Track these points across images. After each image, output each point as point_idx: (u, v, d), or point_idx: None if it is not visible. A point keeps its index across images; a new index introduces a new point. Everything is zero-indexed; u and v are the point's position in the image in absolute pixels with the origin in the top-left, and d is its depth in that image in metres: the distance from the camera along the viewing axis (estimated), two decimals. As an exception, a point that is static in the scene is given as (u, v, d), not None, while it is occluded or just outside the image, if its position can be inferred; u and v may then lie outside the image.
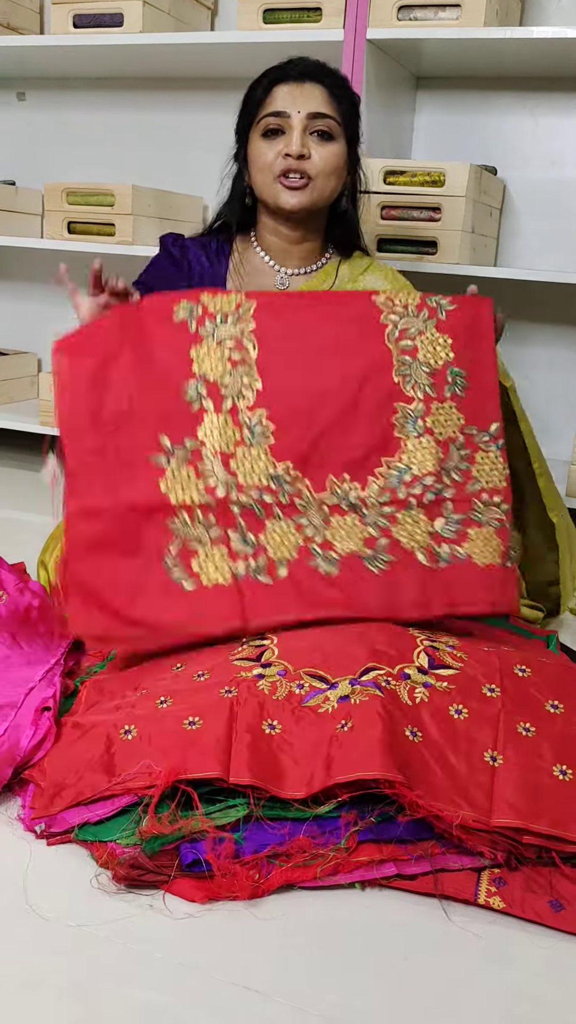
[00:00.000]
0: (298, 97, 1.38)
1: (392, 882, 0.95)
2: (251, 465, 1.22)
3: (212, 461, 1.22)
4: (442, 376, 1.26)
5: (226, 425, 1.23)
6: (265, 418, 1.23)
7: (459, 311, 1.29)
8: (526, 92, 2.18)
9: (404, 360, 1.26)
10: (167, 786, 0.97)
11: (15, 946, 0.86)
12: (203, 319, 1.25)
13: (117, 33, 2.16)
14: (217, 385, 1.24)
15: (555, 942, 0.90)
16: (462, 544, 1.24)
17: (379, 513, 1.23)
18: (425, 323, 1.27)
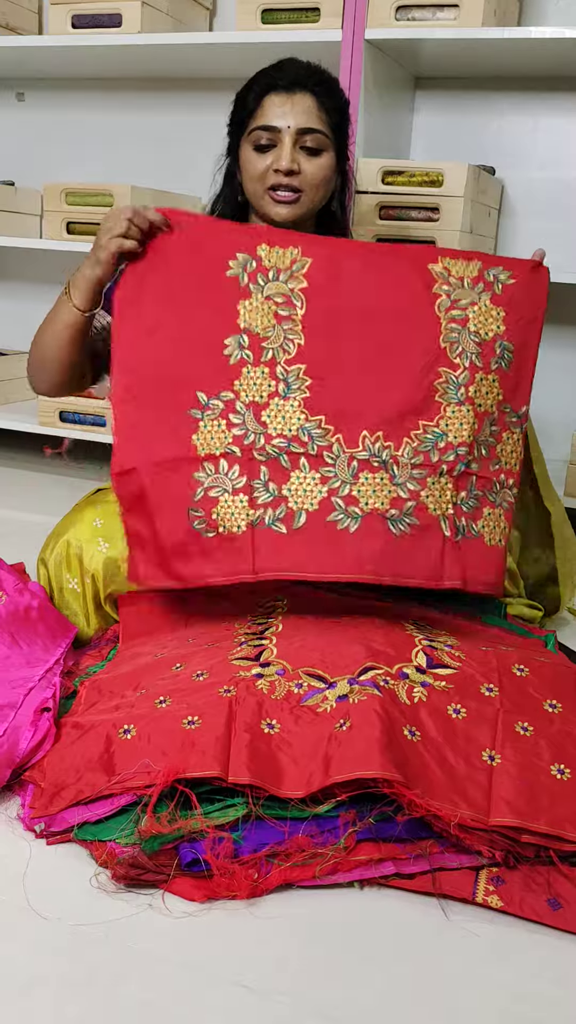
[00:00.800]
0: (288, 111, 1.39)
1: (391, 881, 0.95)
2: (283, 416, 1.23)
3: (244, 413, 1.23)
4: (491, 348, 1.26)
5: (263, 377, 1.24)
6: (304, 372, 1.24)
7: (516, 286, 1.29)
8: (524, 92, 2.18)
9: (453, 328, 1.25)
10: (166, 785, 0.97)
11: (15, 945, 0.86)
12: (255, 274, 1.26)
13: (115, 33, 2.16)
14: (259, 338, 1.25)
15: (553, 941, 0.90)
16: (476, 521, 1.24)
17: (409, 475, 1.22)
18: (479, 295, 1.27)
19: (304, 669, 1.12)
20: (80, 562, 1.38)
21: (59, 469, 2.53)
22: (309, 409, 1.23)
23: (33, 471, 2.50)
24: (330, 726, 1.04)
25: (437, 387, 1.24)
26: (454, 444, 1.23)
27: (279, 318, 1.25)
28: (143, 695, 1.13)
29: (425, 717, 1.06)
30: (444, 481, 1.22)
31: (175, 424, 1.23)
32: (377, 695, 1.06)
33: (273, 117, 1.39)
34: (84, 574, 1.38)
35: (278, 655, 1.16)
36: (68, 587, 1.40)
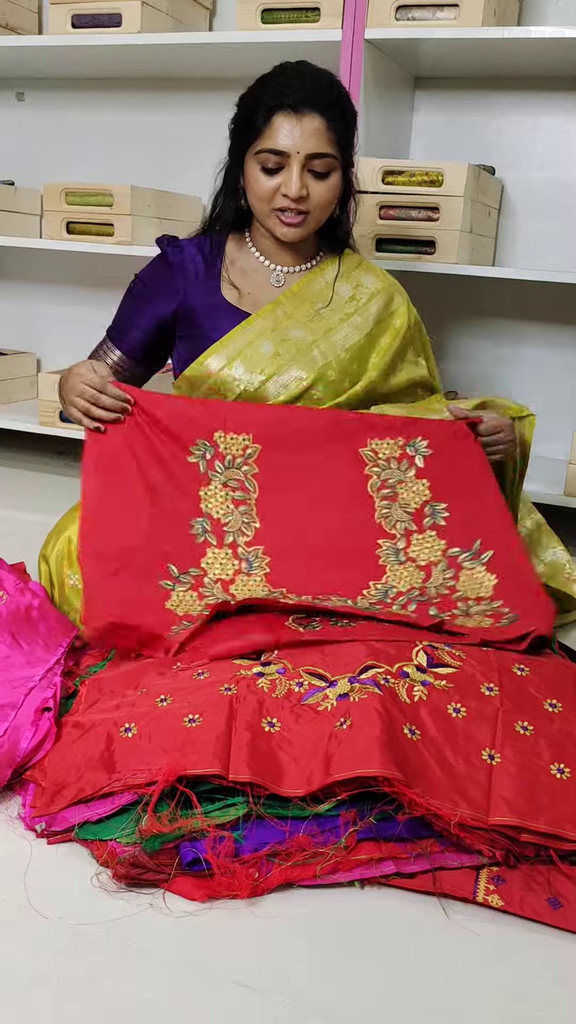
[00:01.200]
0: (298, 135, 1.38)
1: (391, 880, 0.96)
2: (249, 589, 1.33)
3: (213, 587, 1.33)
4: (420, 512, 1.40)
5: (227, 558, 1.36)
6: (262, 553, 1.37)
7: (435, 456, 1.42)
8: (524, 92, 2.18)
9: (384, 504, 1.40)
10: (167, 784, 0.97)
11: (16, 945, 0.86)
12: (213, 461, 1.40)
13: (115, 33, 2.16)
14: (220, 522, 1.38)
15: (553, 940, 0.90)
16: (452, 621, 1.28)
17: (368, 606, 1.30)
18: (405, 472, 1.42)
19: (305, 668, 1.12)
20: None
21: (59, 469, 2.53)
22: (272, 583, 1.34)
23: (33, 471, 2.50)
24: (331, 724, 1.04)
25: (379, 555, 1.37)
26: (404, 591, 1.33)
27: (236, 503, 1.39)
28: (144, 694, 1.13)
29: (425, 716, 1.06)
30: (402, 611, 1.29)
31: (149, 593, 1.28)
32: (378, 694, 1.06)
33: (282, 140, 1.39)
34: None
35: (279, 654, 1.16)
36: (69, 583, 1.40)
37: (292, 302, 1.52)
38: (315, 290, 1.53)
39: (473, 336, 2.36)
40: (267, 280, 1.53)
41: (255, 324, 1.50)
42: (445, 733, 1.05)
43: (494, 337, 2.34)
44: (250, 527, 1.38)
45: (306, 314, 1.51)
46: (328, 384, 1.50)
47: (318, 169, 1.41)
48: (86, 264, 2.62)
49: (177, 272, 1.53)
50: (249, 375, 1.48)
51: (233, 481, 1.40)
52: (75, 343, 2.72)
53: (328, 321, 1.52)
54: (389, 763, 0.97)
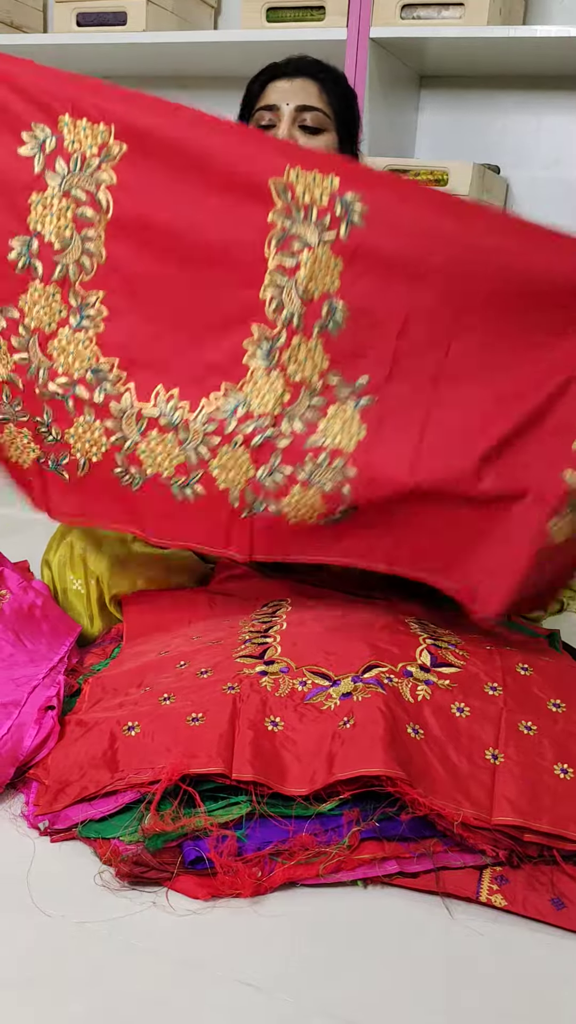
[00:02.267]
0: (288, 91, 1.40)
1: (394, 880, 0.95)
2: (72, 352, 1.05)
3: (28, 338, 1.06)
4: (317, 308, 1.04)
5: (52, 299, 1.05)
6: (101, 301, 1.05)
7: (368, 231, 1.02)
8: (529, 91, 2.18)
9: (277, 276, 1.03)
10: (171, 783, 0.97)
11: (18, 943, 0.86)
12: (54, 157, 1.03)
13: (120, 32, 2.17)
14: (51, 248, 1.04)
15: (556, 940, 0.90)
16: (279, 499, 1.07)
17: (201, 440, 1.06)
18: (319, 236, 1.02)
19: (308, 667, 1.12)
20: (84, 564, 1.38)
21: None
22: (102, 347, 1.06)
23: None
24: (334, 724, 1.04)
25: (246, 347, 1.05)
26: (255, 414, 1.05)
27: (79, 224, 1.04)
28: (147, 692, 1.13)
29: (428, 715, 1.06)
30: (239, 452, 1.06)
31: None
32: (381, 693, 1.06)
33: (273, 97, 1.40)
34: (88, 576, 1.38)
35: (282, 653, 1.16)
36: (72, 588, 1.40)
37: None
38: None
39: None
40: None
41: None
42: (448, 733, 1.05)
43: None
44: (91, 262, 1.04)
45: None
46: None
47: (309, 123, 1.39)
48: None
49: None
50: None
51: (79, 191, 1.04)
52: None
53: None
54: (392, 763, 0.97)
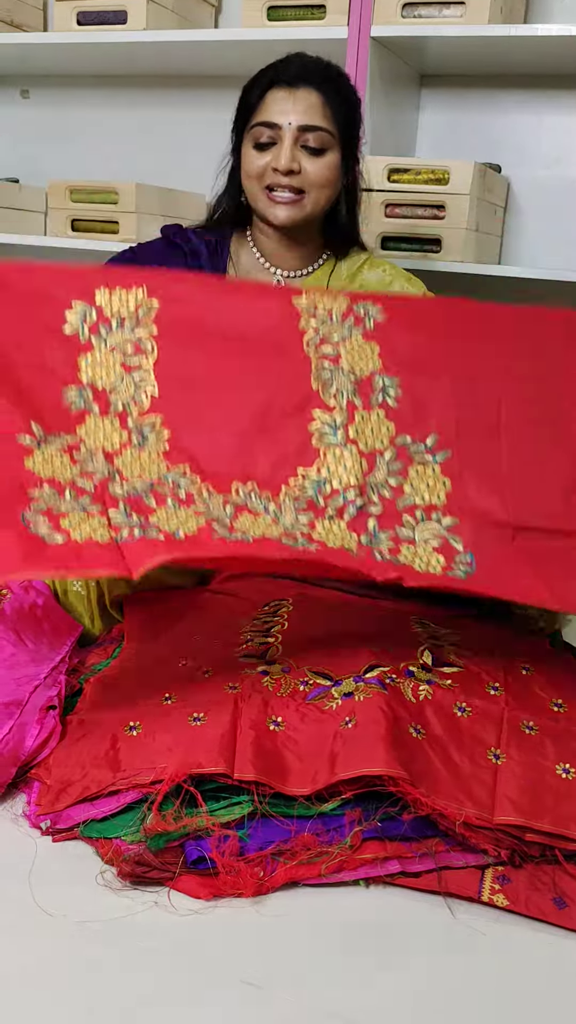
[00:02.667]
0: (290, 107, 1.34)
1: (396, 879, 0.95)
2: (140, 464, 1.07)
3: (92, 455, 1.07)
4: (368, 384, 1.14)
5: (112, 426, 1.09)
6: (160, 424, 1.10)
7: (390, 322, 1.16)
8: (531, 90, 2.18)
9: (325, 365, 1.14)
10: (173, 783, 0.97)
11: (20, 942, 0.86)
12: (96, 325, 1.12)
13: (120, 30, 2.16)
14: (105, 391, 1.11)
15: (558, 939, 0.90)
16: (396, 556, 1.07)
17: (295, 519, 1.06)
18: (351, 330, 1.15)
19: (310, 667, 1.12)
20: None
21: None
22: (169, 459, 1.09)
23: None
24: (336, 724, 1.04)
25: (312, 431, 1.11)
26: (339, 489, 1.09)
27: (128, 368, 1.11)
28: (149, 692, 1.13)
29: (430, 715, 1.06)
30: (336, 525, 1.07)
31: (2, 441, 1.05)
32: (383, 693, 1.06)
33: (274, 113, 1.35)
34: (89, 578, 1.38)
35: (284, 653, 1.15)
36: (73, 590, 1.39)
37: None
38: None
39: (478, 335, 2.35)
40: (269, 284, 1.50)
41: None
42: (450, 732, 1.05)
43: (499, 336, 2.33)
44: (145, 395, 1.09)
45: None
46: None
47: (312, 144, 1.35)
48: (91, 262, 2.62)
49: (185, 256, 1.48)
50: None
51: (126, 344, 1.12)
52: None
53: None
54: (394, 762, 0.97)
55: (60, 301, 1.13)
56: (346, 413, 1.12)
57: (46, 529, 0.98)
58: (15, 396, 1.07)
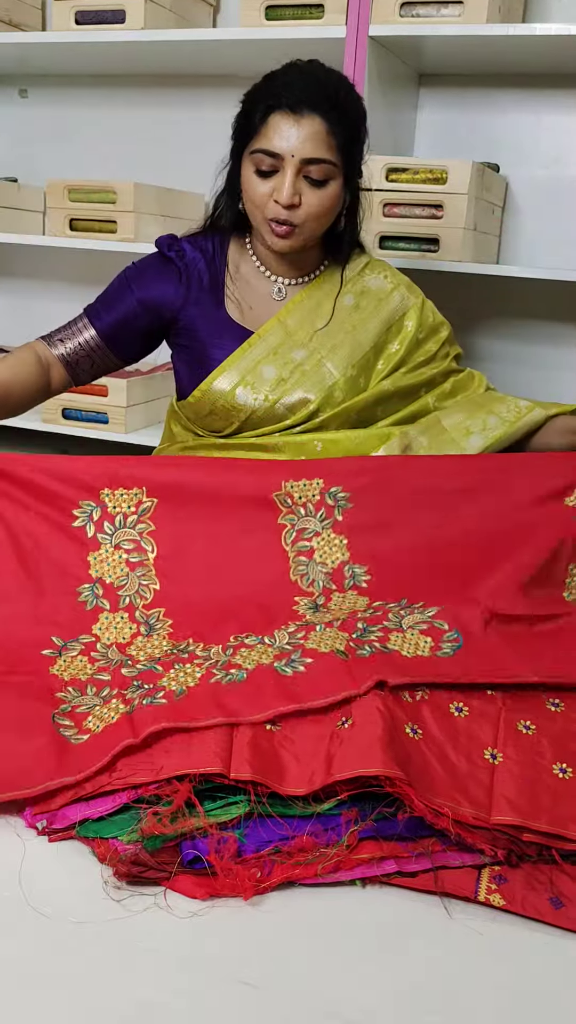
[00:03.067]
0: (294, 137, 1.30)
1: (393, 879, 0.95)
2: (149, 647, 1.22)
3: (106, 650, 1.21)
4: (340, 572, 1.30)
5: (123, 621, 1.25)
6: (163, 615, 1.25)
7: (356, 510, 1.32)
8: (529, 89, 2.18)
9: (301, 561, 1.30)
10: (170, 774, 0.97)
11: (16, 943, 0.86)
12: (102, 522, 1.28)
13: (119, 30, 2.16)
14: (113, 587, 1.27)
15: (555, 939, 0.90)
16: (385, 643, 1.15)
17: (286, 640, 1.17)
18: (322, 523, 1.31)
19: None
20: None
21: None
22: (175, 639, 1.23)
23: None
24: (332, 724, 1.04)
25: (296, 610, 1.25)
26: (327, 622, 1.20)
27: (131, 565, 1.27)
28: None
29: (427, 715, 1.06)
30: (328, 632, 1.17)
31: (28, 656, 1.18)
32: (379, 693, 1.06)
33: (277, 141, 1.31)
34: None
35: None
36: None
37: (293, 318, 1.47)
38: (315, 305, 1.48)
39: (476, 334, 2.35)
40: (268, 291, 1.49)
41: (256, 347, 1.46)
42: (447, 732, 1.05)
43: (497, 335, 2.33)
44: (149, 589, 1.27)
45: (307, 333, 1.47)
46: (335, 404, 1.47)
47: (314, 176, 1.33)
48: (89, 261, 2.62)
49: (179, 273, 1.48)
50: (255, 398, 1.45)
51: (127, 542, 1.28)
52: (78, 340, 2.73)
53: (333, 339, 1.48)
54: (391, 762, 0.97)
55: (69, 500, 1.29)
56: (323, 598, 1.27)
57: (72, 731, 1.07)
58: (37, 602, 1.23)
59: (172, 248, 1.49)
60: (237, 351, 1.46)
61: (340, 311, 1.49)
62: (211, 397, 1.47)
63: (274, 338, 1.47)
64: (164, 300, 1.48)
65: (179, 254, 1.49)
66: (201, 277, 1.48)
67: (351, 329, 1.49)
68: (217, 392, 1.46)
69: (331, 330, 1.48)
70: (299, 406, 1.46)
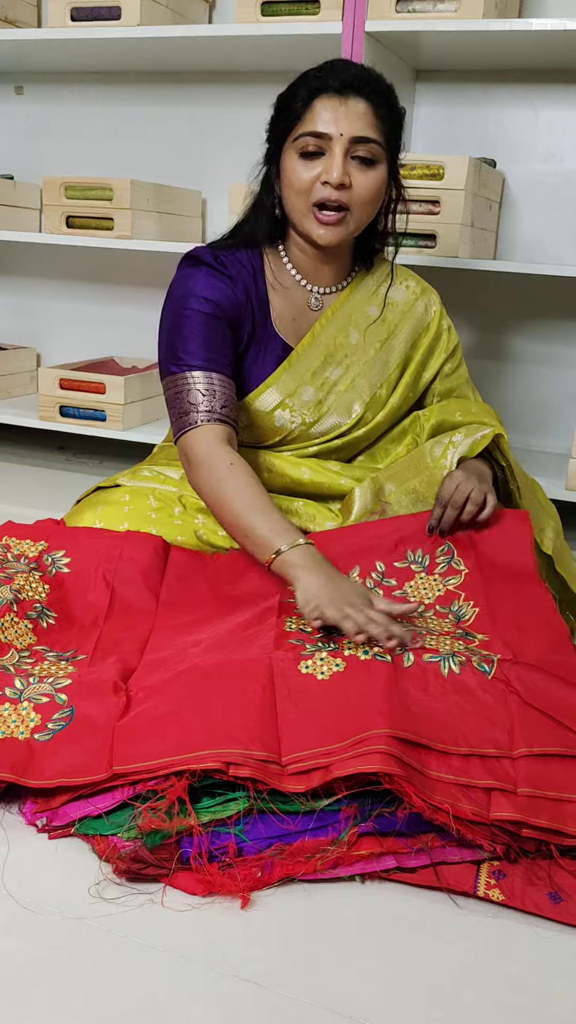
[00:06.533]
0: (341, 117, 1.27)
1: (392, 875, 0.96)
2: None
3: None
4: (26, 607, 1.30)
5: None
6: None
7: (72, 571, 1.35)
8: (525, 85, 2.18)
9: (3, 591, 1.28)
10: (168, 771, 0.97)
11: (16, 940, 0.86)
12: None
13: (115, 26, 2.16)
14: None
15: (554, 934, 0.90)
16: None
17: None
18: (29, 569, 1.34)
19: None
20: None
21: (59, 464, 2.53)
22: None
23: (33, 466, 2.50)
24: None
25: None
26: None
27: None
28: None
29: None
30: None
31: None
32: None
33: (324, 122, 1.28)
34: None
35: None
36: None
37: (327, 333, 1.47)
38: (347, 317, 1.48)
39: (473, 330, 2.35)
40: (304, 300, 1.46)
41: (296, 367, 1.46)
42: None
43: (495, 331, 2.33)
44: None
45: (342, 350, 1.48)
46: (368, 422, 1.52)
47: (363, 155, 1.29)
48: (86, 258, 2.62)
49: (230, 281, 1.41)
50: (293, 422, 1.48)
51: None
52: (75, 338, 2.73)
53: (365, 354, 1.49)
54: (390, 760, 0.97)
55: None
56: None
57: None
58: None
59: (217, 259, 1.42)
60: (277, 371, 1.45)
61: (368, 323, 1.50)
62: (250, 414, 1.47)
63: (312, 357, 1.47)
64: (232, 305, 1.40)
65: (222, 265, 1.42)
66: (248, 289, 1.43)
67: (379, 345, 1.50)
68: (256, 412, 1.47)
69: (364, 344, 1.49)
70: (331, 430, 1.50)
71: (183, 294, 1.39)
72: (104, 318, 2.67)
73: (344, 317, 1.48)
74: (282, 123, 1.34)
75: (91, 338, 2.69)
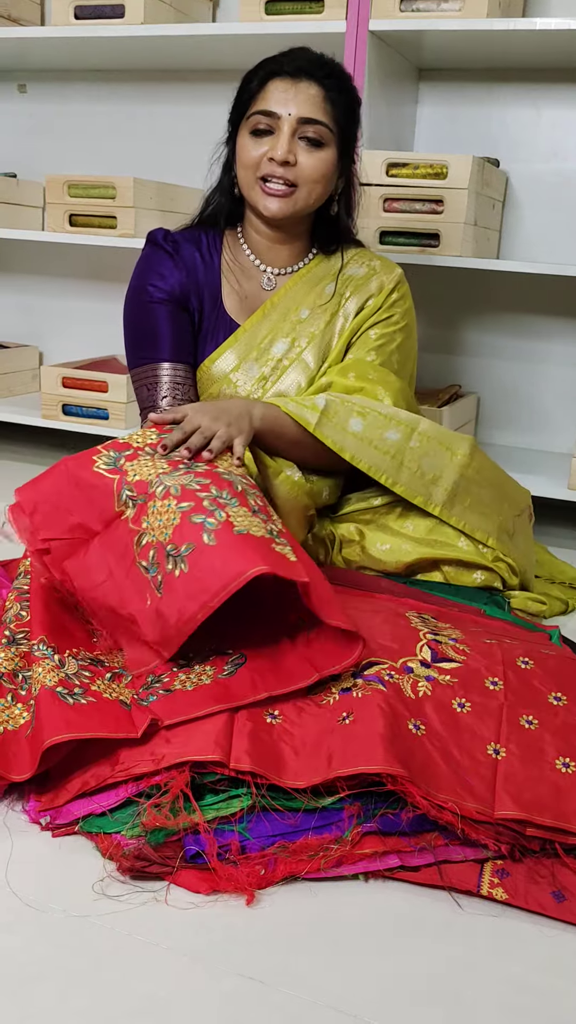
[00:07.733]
0: (291, 98, 1.33)
1: (395, 873, 0.96)
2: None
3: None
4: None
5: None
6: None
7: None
8: (529, 84, 2.18)
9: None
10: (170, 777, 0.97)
11: (19, 938, 0.86)
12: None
13: (118, 25, 2.16)
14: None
15: (558, 933, 0.90)
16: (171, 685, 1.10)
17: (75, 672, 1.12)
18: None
19: (308, 662, 1.12)
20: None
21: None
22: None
23: (35, 464, 2.50)
24: (333, 719, 1.04)
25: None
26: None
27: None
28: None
29: (430, 711, 1.06)
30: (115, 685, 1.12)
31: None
32: (381, 690, 1.06)
33: (274, 102, 1.33)
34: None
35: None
36: None
37: (277, 311, 1.48)
38: (302, 294, 1.49)
39: (477, 330, 2.35)
40: (258, 282, 1.50)
41: (241, 344, 1.47)
42: (450, 728, 1.05)
43: (498, 330, 2.33)
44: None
45: (290, 324, 1.48)
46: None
47: (310, 135, 1.34)
48: (89, 257, 2.62)
49: (180, 265, 1.48)
50: (247, 388, 1.48)
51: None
52: (78, 336, 2.72)
53: (315, 327, 1.48)
54: (392, 760, 0.97)
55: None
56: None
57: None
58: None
59: (168, 240, 1.49)
60: (222, 346, 1.47)
61: (323, 301, 1.49)
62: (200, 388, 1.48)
63: (259, 333, 1.47)
64: (181, 288, 1.47)
65: (175, 246, 1.49)
66: (197, 269, 1.48)
67: (328, 317, 1.49)
68: (202, 387, 1.48)
69: (312, 319, 1.49)
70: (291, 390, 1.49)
71: (138, 284, 1.48)
72: (107, 316, 2.66)
73: (296, 297, 1.49)
74: (239, 103, 1.40)
75: (94, 336, 2.69)
